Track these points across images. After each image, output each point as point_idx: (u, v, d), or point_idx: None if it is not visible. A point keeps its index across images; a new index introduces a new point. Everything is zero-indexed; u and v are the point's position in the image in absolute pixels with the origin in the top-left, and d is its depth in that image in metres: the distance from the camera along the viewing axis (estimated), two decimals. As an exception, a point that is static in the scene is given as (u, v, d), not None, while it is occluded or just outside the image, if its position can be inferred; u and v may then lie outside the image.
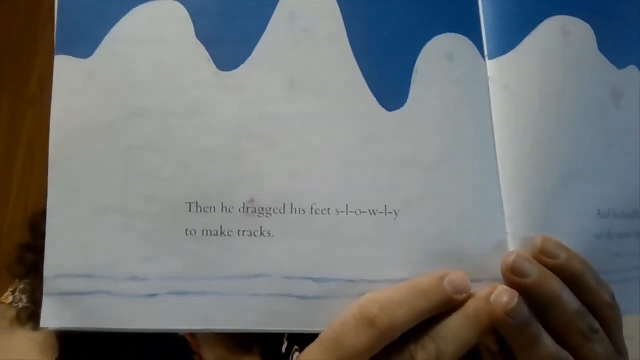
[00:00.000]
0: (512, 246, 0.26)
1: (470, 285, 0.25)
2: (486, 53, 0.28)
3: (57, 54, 0.25)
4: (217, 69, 0.26)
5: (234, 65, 0.26)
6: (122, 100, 0.25)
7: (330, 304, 0.25)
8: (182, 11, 0.26)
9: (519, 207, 0.26)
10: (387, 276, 0.25)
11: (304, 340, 0.25)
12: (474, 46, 0.28)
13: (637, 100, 0.29)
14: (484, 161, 0.27)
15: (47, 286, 0.24)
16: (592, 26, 0.29)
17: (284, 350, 0.37)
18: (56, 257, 0.24)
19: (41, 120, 1.11)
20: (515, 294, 0.24)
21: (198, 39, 0.26)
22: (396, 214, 0.26)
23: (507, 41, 0.28)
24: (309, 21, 0.26)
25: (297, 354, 0.36)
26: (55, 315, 0.24)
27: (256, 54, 0.26)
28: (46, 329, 0.24)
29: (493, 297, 0.24)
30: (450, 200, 0.26)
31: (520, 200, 0.26)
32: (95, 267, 0.24)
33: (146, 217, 0.24)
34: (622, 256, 0.28)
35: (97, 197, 0.24)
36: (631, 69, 0.30)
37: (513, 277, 0.25)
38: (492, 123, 0.27)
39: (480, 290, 0.25)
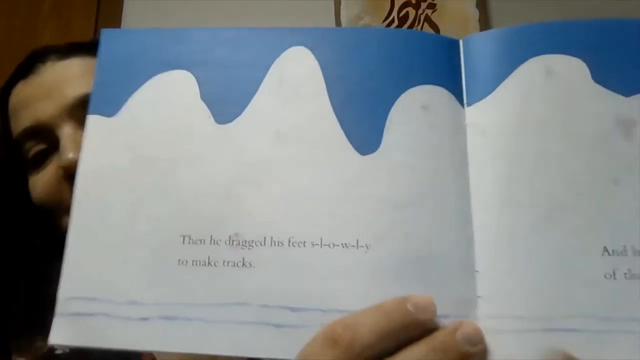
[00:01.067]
0: (480, 285, 0.26)
1: (435, 308, 0.25)
2: (465, 101, 0.30)
3: (90, 113, 0.31)
4: (215, 123, 0.30)
5: (229, 120, 0.30)
6: (135, 151, 0.30)
7: (304, 332, 0.26)
8: (190, 78, 0.31)
9: (490, 247, 0.27)
10: (357, 307, 0.26)
11: None
12: (452, 96, 0.30)
13: None
14: (457, 205, 0.28)
15: (59, 307, 0.28)
16: (583, 60, 0.29)
17: None
18: (70, 283, 0.28)
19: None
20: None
21: (202, 99, 0.31)
22: (367, 248, 0.27)
23: (484, 87, 0.30)
24: (295, 83, 0.30)
25: None
26: (62, 334, 0.27)
27: (248, 110, 0.30)
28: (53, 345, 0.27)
29: (458, 330, 0.25)
30: (419, 239, 0.27)
31: (492, 241, 0.27)
32: (99, 291, 0.28)
33: (146, 249, 0.28)
34: None
35: (108, 231, 0.29)
36: None
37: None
38: (467, 169, 0.28)
39: (448, 325, 0.25)
